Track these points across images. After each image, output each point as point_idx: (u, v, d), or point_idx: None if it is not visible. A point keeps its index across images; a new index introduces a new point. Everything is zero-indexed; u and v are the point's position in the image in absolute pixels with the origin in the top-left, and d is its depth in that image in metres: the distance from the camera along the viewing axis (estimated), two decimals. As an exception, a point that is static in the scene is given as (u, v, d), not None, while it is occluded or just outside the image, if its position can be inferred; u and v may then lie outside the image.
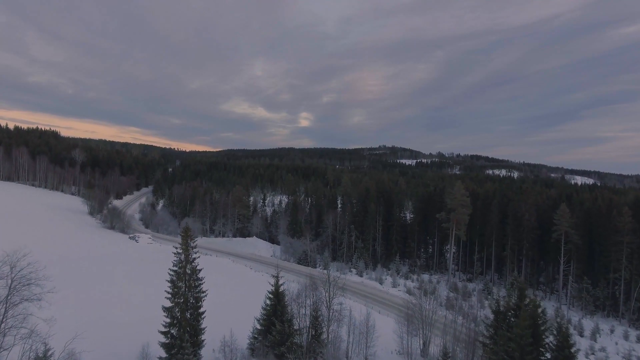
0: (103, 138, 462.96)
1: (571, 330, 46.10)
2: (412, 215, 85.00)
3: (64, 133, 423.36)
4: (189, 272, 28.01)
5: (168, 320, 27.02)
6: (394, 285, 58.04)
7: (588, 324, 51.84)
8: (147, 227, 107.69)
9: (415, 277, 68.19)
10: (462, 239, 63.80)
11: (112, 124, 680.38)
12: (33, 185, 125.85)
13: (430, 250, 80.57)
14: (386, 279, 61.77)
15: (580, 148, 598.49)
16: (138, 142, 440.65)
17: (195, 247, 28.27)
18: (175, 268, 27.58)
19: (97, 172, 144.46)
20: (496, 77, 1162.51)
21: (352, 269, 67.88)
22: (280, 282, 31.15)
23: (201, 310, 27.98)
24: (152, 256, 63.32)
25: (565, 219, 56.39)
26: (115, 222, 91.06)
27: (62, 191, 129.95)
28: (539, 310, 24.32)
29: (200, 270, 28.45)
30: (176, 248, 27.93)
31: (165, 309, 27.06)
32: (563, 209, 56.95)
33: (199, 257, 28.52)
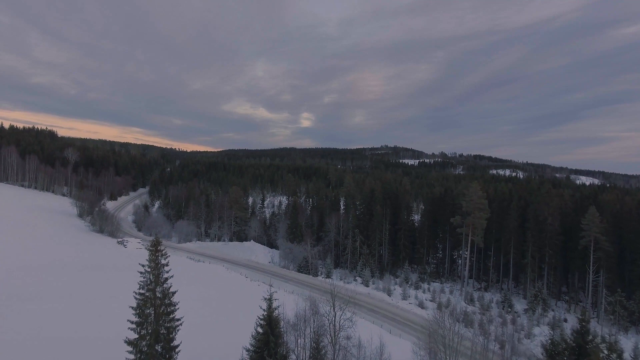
0: (104, 138, 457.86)
1: (607, 351, 40.43)
2: (420, 218, 79.29)
3: (67, 134, 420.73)
4: (159, 295, 22.51)
5: (132, 356, 21.55)
6: (404, 296, 52.41)
7: (624, 342, 46.12)
8: (139, 230, 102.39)
9: (425, 286, 62.52)
10: (479, 246, 58.07)
11: (114, 124, 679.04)
12: (22, 185, 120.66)
13: (440, 255, 74.91)
14: (395, 289, 56.14)
15: (582, 148, 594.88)
16: (139, 143, 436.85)
17: (167, 263, 22.83)
18: (142, 291, 22.09)
19: (90, 172, 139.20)
20: (497, 77, 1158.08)
21: (357, 278, 62.23)
22: (274, 305, 25.46)
23: (174, 343, 22.40)
24: (137, 264, 57.78)
25: (595, 223, 50.67)
26: (105, 225, 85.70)
27: (52, 192, 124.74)
28: (614, 355, 18.46)
29: (174, 293, 22.92)
30: (143, 266, 22.48)
31: (129, 343, 21.56)
32: (592, 212, 51.23)
33: (172, 276, 23.04)
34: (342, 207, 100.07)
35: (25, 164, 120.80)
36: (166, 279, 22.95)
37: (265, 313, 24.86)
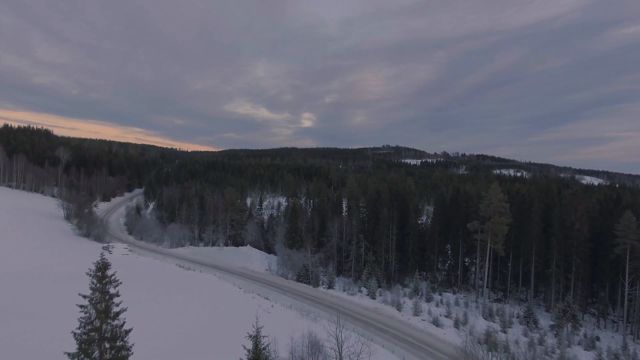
0: (105, 138, 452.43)
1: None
2: (430, 222, 73.46)
3: (68, 134, 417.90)
4: (107, 335, 16.92)
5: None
6: (416, 312, 46.65)
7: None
8: (130, 233, 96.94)
9: (437, 297, 56.81)
10: (500, 255, 52.23)
11: (115, 124, 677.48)
12: (10, 186, 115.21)
13: (452, 262, 69.12)
14: (404, 302, 50.38)
15: (583, 148, 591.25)
16: (140, 143, 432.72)
17: (117, 293, 17.22)
18: (82, 330, 16.49)
19: (82, 172, 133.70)
20: (497, 77, 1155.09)
21: (362, 288, 56.53)
22: (264, 343, 19.71)
23: (127, 403, 16.81)
24: (121, 273, 52.10)
25: (631, 230, 44.88)
26: (91, 228, 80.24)
27: (41, 193, 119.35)
28: None
29: (128, 332, 17.31)
30: (84, 297, 16.86)
31: (65, 402, 16.04)
32: (629, 217, 45.48)
33: (125, 309, 17.45)
34: (344, 209, 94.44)
35: (12, 163, 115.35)
36: (117, 313, 17.37)
37: (251, 357, 19.20)
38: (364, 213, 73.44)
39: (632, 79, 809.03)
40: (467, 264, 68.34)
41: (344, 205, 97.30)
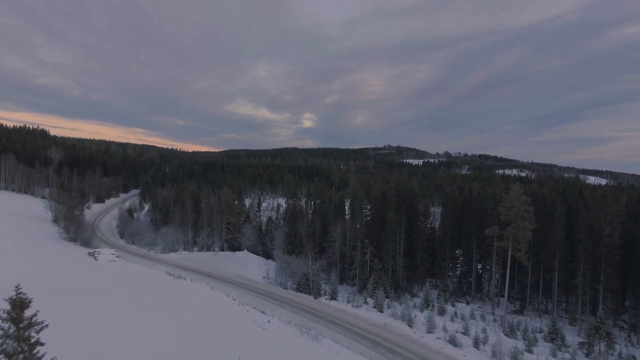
0: (106, 139, 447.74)
1: None
2: (439, 226, 68.54)
3: (69, 134, 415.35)
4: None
5: None
6: (430, 328, 41.73)
7: None
8: (122, 237, 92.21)
9: (450, 308, 51.92)
10: (524, 264, 47.29)
11: (117, 125, 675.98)
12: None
13: (465, 269, 64.19)
14: (416, 316, 45.50)
15: (584, 148, 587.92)
16: (140, 143, 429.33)
17: (39, 340, 12.38)
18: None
19: (75, 173, 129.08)
20: (498, 77, 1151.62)
21: (367, 300, 51.60)
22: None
23: None
24: (103, 283, 47.34)
25: (672, 236, 39.88)
26: (79, 232, 75.53)
27: (31, 194, 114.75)
28: None
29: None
30: (-7, 347, 12.02)
31: None
32: (669, 222, 40.43)
33: (53, 363, 12.58)
34: (347, 211, 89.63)
35: (1, 163, 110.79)
36: (44, 366, 12.53)
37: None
38: (369, 216, 68.61)
39: (632, 79, 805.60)
40: (480, 271, 63.44)
41: (346, 207, 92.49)
